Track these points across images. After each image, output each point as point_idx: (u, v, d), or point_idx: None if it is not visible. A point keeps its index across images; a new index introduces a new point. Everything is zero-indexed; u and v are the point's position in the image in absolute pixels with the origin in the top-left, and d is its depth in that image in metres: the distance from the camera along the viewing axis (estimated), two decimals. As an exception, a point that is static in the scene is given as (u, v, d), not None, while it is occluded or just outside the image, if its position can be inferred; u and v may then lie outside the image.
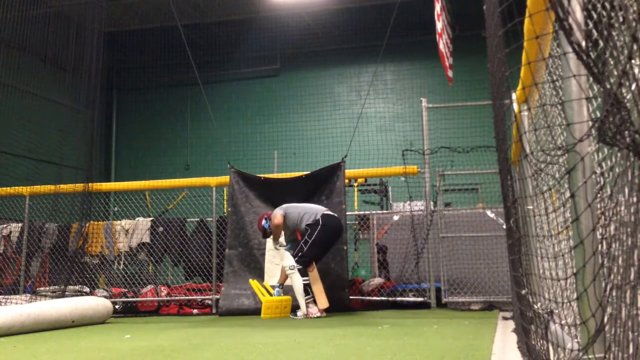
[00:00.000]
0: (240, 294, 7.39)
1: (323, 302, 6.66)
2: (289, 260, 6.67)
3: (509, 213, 2.45)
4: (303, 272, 6.65)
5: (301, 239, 6.84)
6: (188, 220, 8.79)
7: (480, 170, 7.86)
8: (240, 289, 7.42)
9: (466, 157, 7.65)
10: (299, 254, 6.68)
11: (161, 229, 8.47)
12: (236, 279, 7.49)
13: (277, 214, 6.98)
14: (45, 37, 9.14)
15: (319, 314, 6.55)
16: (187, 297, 8.03)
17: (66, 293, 7.45)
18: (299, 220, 6.92)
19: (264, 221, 7.09)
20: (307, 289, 6.64)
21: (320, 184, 7.80)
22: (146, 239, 8.46)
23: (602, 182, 1.76)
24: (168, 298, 8.05)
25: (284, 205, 7.11)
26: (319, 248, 6.79)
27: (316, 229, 6.74)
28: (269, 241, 7.38)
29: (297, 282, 6.60)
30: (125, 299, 8.09)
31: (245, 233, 7.72)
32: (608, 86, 1.18)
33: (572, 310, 2.24)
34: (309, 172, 7.96)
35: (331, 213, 6.99)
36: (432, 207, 7.62)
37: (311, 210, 6.94)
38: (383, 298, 7.49)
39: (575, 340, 1.94)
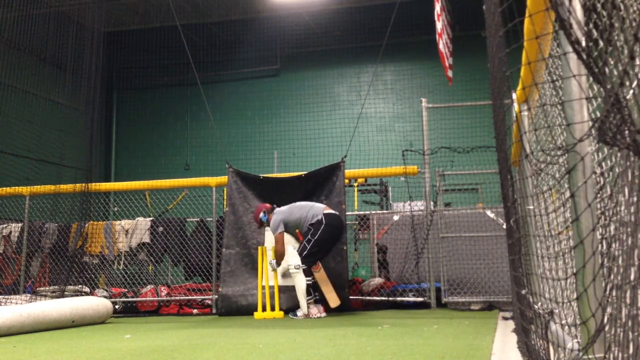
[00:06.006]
0: (238, 294, 7.37)
1: (334, 299, 6.68)
2: (294, 259, 6.65)
3: (509, 213, 2.45)
4: (307, 272, 6.66)
5: (303, 239, 6.85)
6: (188, 220, 8.79)
7: (480, 170, 7.86)
8: (238, 289, 7.40)
9: (466, 157, 7.65)
10: (304, 253, 6.66)
11: (161, 229, 8.47)
12: (234, 279, 7.47)
13: (279, 239, 6.86)
14: (45, 37, 9.15)
15: (319, 315, 6.55)
16: (187, 297, 8.03)
17: (66, 293, 7.45)
18: (299, 223, 6.90)
19: (262, 214, 7.10)
20: (310, 290, 6.63)
21: (319, 183, 7.78)
22: (146, 239, 8.46)
23: (602, 182, 1.76)
24: (168, 298, 8.04)
25: (281, 211, 6.98)
26: (322, 246, 6.77)
27: (319, 228, 6.71)
28: (269, 241, 7.35)
29: (300, 282, 6.59)
30: (125, 299, 8.09)
31: (244, 233, 7.69)
32: (608, 86, 1.17)
33: (572, 310, 2.24)
34: (308, 172, 7.95)
35: (332, 211, 6.95)
36: (432, 207, 7.61)
37: (311, 211, 6.88)
38: (383, 298, 7.49)
39: (575, 340, 1.94)
